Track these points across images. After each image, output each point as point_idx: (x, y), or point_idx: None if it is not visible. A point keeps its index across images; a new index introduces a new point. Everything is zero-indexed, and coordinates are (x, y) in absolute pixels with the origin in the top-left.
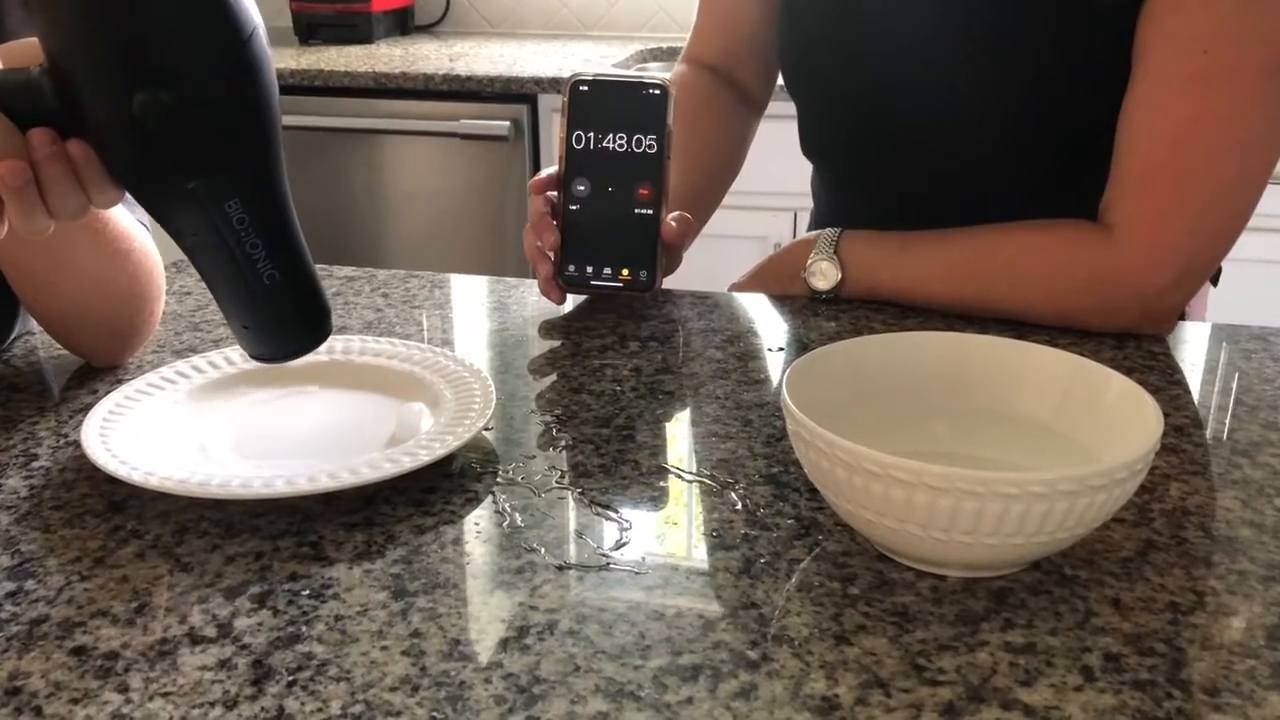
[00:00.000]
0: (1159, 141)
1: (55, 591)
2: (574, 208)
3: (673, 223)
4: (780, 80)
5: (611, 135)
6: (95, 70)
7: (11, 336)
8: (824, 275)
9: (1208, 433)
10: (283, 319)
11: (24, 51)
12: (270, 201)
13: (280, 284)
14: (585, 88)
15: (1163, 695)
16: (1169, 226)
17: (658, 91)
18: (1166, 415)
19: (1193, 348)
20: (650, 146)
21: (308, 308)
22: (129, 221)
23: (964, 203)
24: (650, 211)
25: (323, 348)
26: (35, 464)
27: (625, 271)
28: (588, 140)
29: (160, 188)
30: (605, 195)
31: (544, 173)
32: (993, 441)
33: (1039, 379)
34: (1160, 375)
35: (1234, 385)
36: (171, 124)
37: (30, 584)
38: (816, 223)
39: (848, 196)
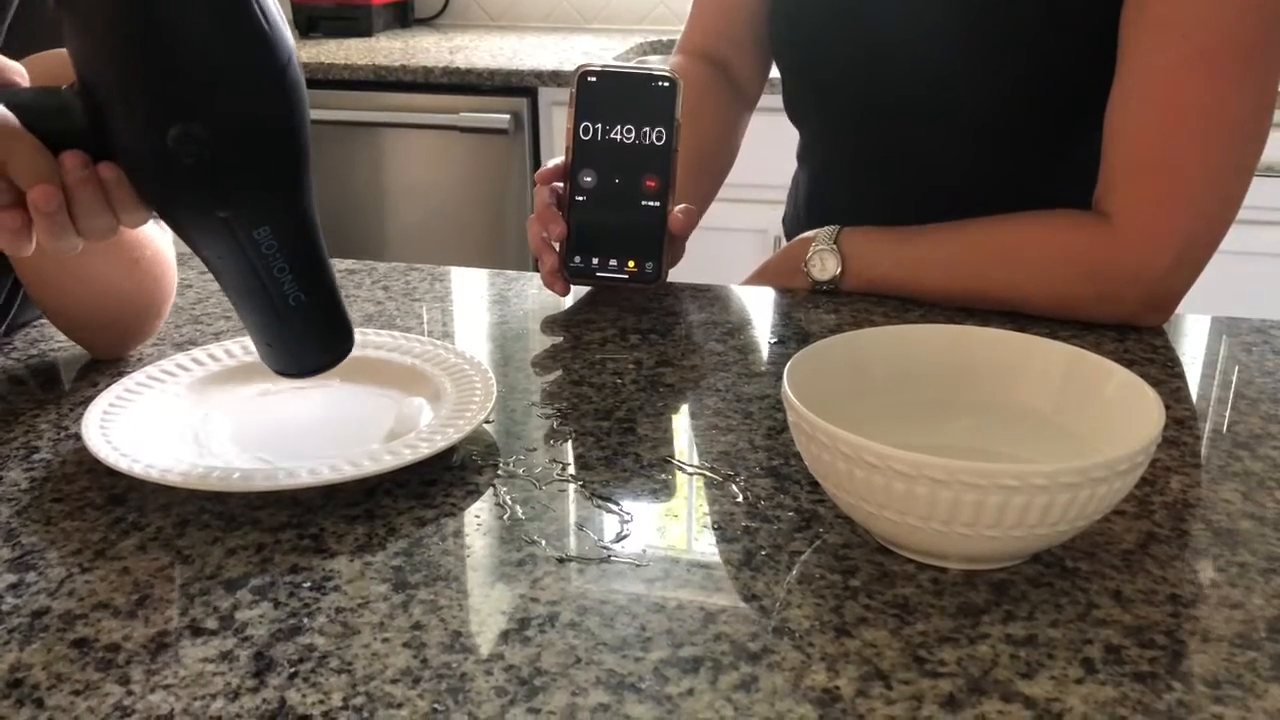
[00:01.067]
0: (1147, 129)
1: (56, 584)
2: (580, 199)
3: (679, 214)
4: (773, 73)
5: (619, 127)
6: (130, 99)
7: (11, 313)
8: (824, 266)
9: (1208, 425)
10: (306, 338)
11: (52, 66)
12: (300, 227)
13: (305, 305)
14: (594, 79)
15: (1164, 687)
16: (1163, 212)
17: (667, 84)
18: (1167, 408)
19: (1193, 341)
20: (658, 138)
21: (331, 327)
22: (146, 228)
23: (957, 177)
24: (657, 204)
25: None
26: (36, 456)
27: (631, 263)
28: (595, 132)
29: (190, 215)
30: (612, 187)
31: (550, 164)
32: (994, 434)
33: (1040, 371)
34: (1161, 368)
35: (1234, 378)
36: (206, 156)
37: (31, 576)
38: (799, 186)
39: (836, 166)
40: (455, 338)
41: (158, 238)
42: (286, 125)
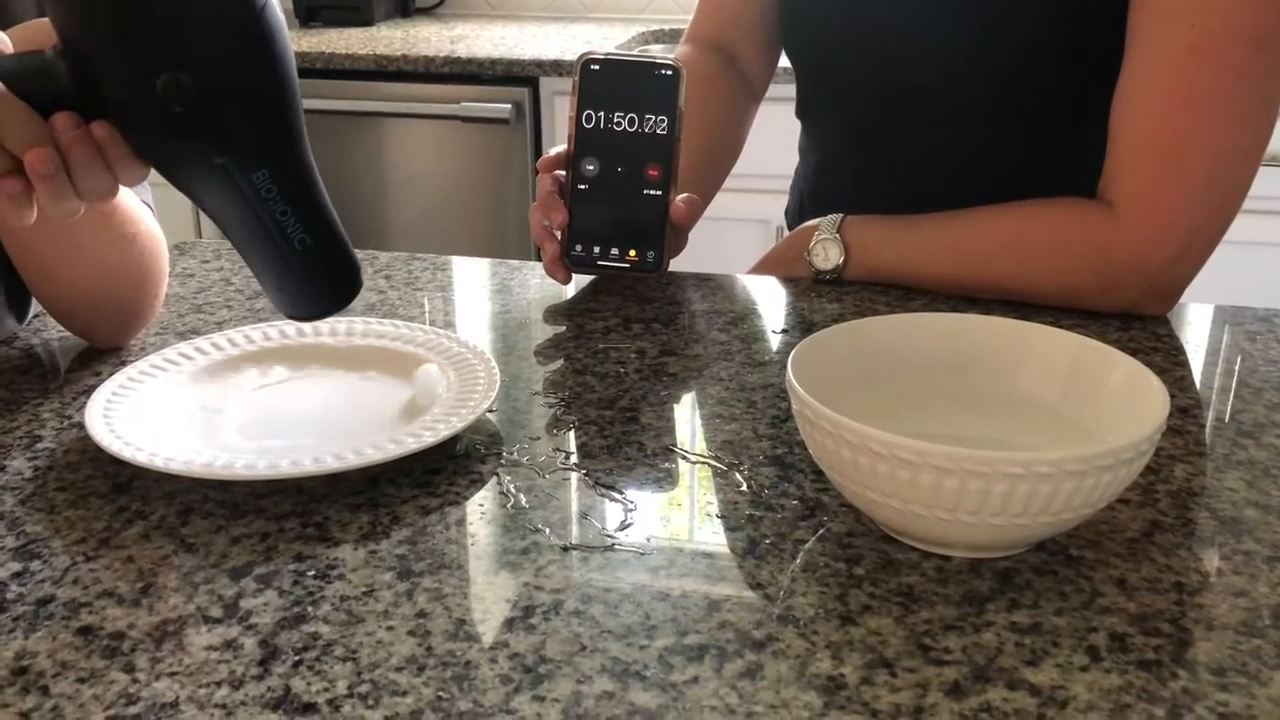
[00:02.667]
0: (1153, 118)
1: (61, 572)
2: (582, 187)
3: (681, 204)
4: (782, 63)
5: (622, 115)
6: (114, 54)
7: (30, 315)
8: (826, 256)
9: (1212, 414)
10: (315, 280)
11: (34, 34)
12: (297, 169)
13: (311, 247)
14: (597, 67)
15: (1168, 675)
16: (1168, 201)
17: (670, 72)
18: (1171, 396)
19: (1197, 329)
20: (661, 127)
21: (339, 266)
22: (135, 204)
23: (962, 166)
24: (659, 193)
25: (325, 328)
26: (40, 445)
27: (632, 252)
28: (598, 120)
29: (188, 165)
30: (614, 175)
31: (552, 151)
32: (998, 422)
33: (1044, 360)
34: (1165, 356)
35: (1238, 367)
36: (195, 103)
37: (36, 565)
38: (803, 179)
39: (841, 157)
40: (458, 327)
41: (146, 215)
42: (269, 66)
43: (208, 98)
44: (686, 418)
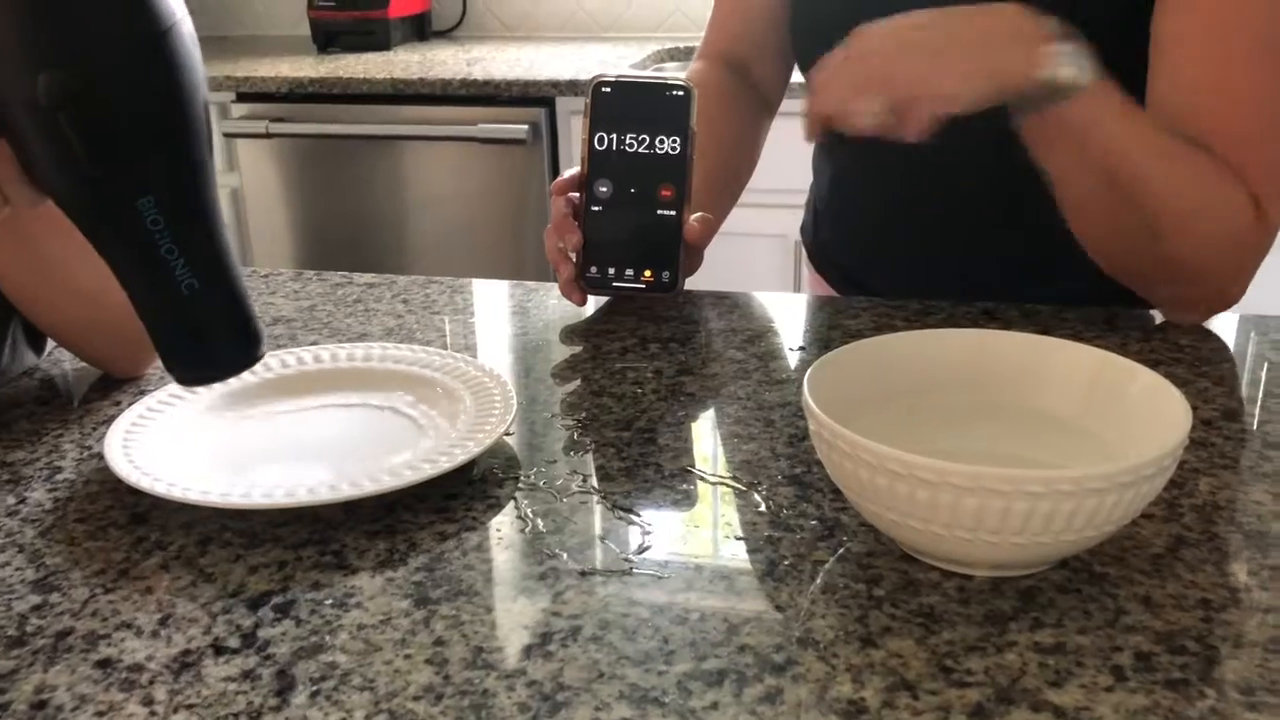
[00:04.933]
0: (1238, 117)
1: (80, 604)
2: (596, 209)
3: (695, 223)
4: (795, 77)
5: (634, 136)
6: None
7: (49, 348)
8: (1079, 66)
9: (1237, 426)
10: (201, 334)
11: None
12: (188, 205)
13: (200, 294)
14: (608, 89)
15: (1196, 695)
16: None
17: (681, 93)
18: (1194, 408)
19: (1220, 340)
20: (673, 148)
21: (230, 325)
22: None
23: (978, 178)
24: (673, 213)
25: (343, 354)
26: (59, 476)
27: (648, 273)
28: (610, 141)
29: (68, 180)
30: (628, 196)
31: (566, 174)
32: (1018, 439)
33: (1064, 375)
34: (1187, 368)
35: (1263, 377)
36: (79, 107)
37: (55, 597)
38: (816, 194)
39: (854, 171)
40: (476, 350)
41: None
42: (164, 90)
43: (91, 103)
44: (704, 438)
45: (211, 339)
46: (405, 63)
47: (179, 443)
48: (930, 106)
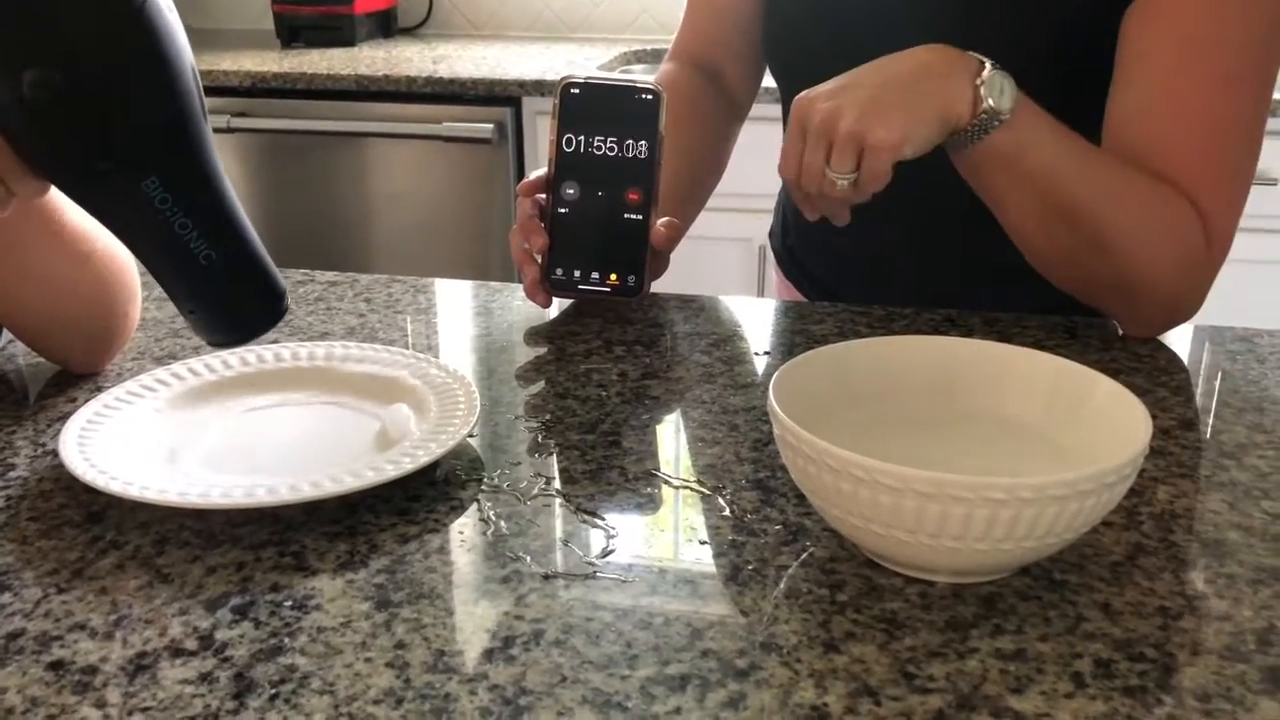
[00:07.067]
0: (1192, 139)
1: (32, 605)
2: (562, 211)
3: (661, 228)
4: (765, 82)
5: (602, 139)
6: None
7: (2, 341)
8: (1003, 90)
9: (1194, 435)
10: (226, 300)
11: None
12: (194, 178)
13: (218, 263)
14: (577, 90)
15: (1154, 701)
16: (1233, 223)
17: (650, 96)
18: (1153, 417)
19: (1177, 349)
20: (641, 151)
21: (253, 287)
22: (90, 222)
23: (949, 183)
24: (639, 216)
25: (304, 353)
26: (12, 474)
27: (613, 276)
28: (578, 143)
29: (71, 171)
30: (594, 199)
31: (533, 175)
32: (980, 446)
33: (1026, 383)
34: (1146, 377)
35: (1217, 386)
36: (65, 102)
37: (6, 597)
38: (787, 199)
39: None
40: (439, 350)
41: (104, 233)
42: (148, 68)
43: (77, 95)
44: (669, 441)
45: (236, 302)
46: (370, 59)
47: (136, 440)
48: (887, 156)
